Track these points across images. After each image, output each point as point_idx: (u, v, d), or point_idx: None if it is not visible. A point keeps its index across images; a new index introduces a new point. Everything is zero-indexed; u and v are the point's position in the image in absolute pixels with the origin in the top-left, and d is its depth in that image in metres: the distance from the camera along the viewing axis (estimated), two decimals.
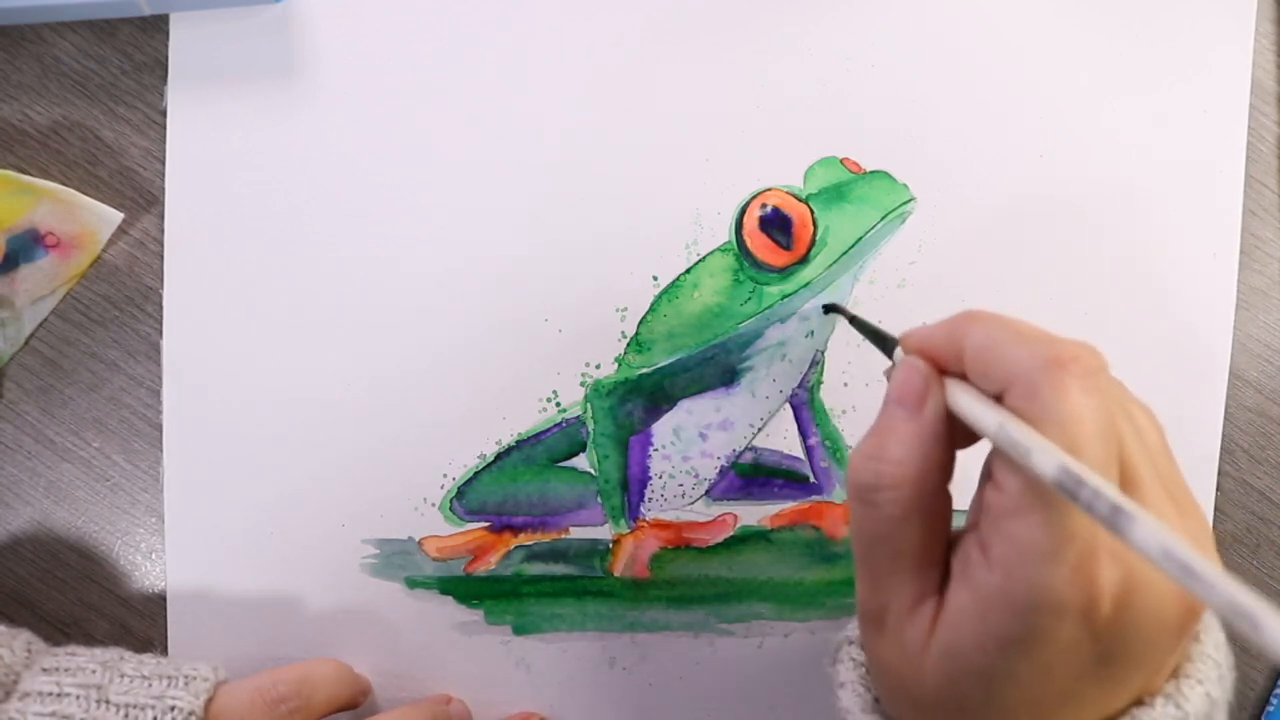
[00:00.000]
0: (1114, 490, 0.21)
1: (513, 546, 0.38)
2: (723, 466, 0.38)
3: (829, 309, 0.37)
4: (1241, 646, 0.39)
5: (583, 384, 0.38)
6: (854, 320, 0.34)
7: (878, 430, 0.27)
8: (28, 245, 0.36)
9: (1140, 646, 0.23)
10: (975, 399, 0.25)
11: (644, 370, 0.38)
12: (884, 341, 0.30)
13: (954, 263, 0.38)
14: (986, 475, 0.25)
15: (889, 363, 0.30)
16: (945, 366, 0.27)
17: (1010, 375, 0.24)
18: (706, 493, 0.38)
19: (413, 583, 0.38)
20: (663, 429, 0.38)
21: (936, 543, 0.26)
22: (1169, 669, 0.25)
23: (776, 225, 0.37)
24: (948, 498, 0.26)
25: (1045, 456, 0.22)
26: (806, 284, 0.37)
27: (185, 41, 0.37)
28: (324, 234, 0.37)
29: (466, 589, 0.38)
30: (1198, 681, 0.25)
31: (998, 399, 0.24)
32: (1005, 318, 0.26)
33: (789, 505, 0.38)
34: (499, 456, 0.38)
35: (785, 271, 0.37)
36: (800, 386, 0.38)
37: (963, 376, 0.26)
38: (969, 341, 0.26)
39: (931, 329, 0.27)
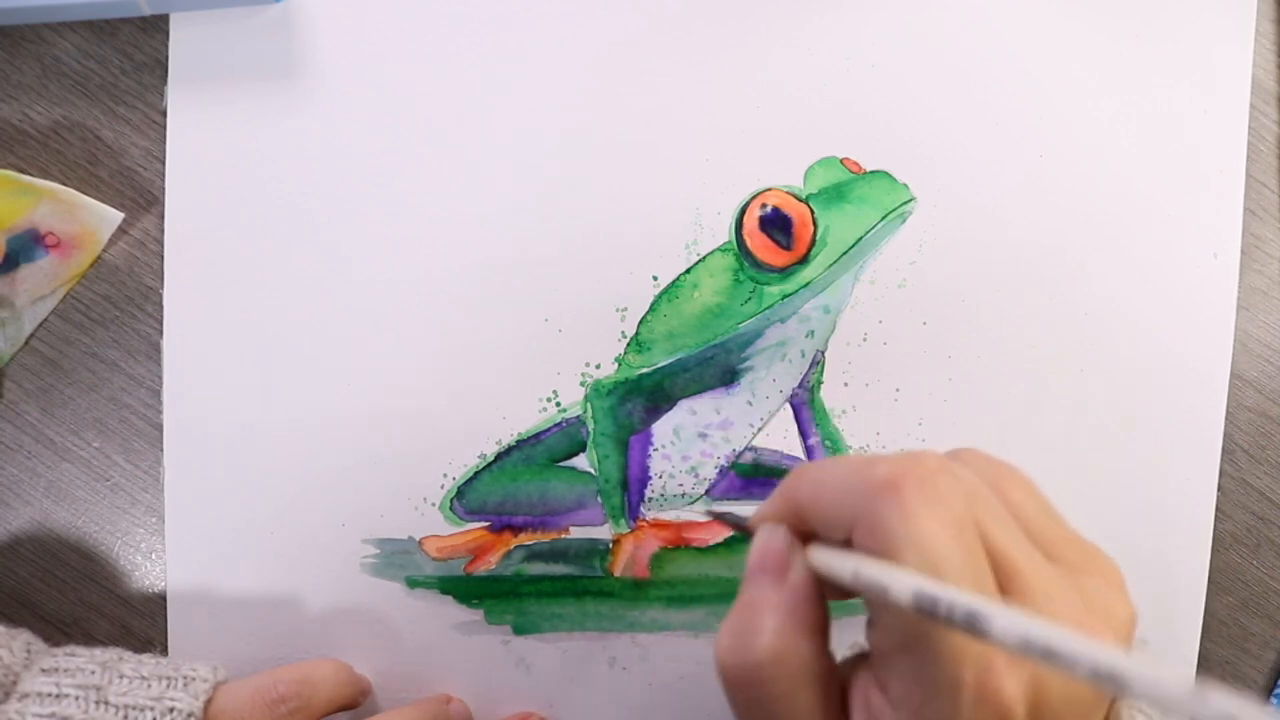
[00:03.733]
0: (966, 596, 0.20)
1: (513, 546, 0.38)
2: (723, 466, 0.38)
3: (713, 514, 0.36)
4: (1241, 647, 0.39)
5: (583, 384, 0.38)
6: (720, 516, 0.34)
7: (742, 607, 0.25)
8: (28, 245, 0.36)
9: None
10: (830, 552, 0.24)
11: (644, 370, 0.38)
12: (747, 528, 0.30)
13: (954, 263, 0.38)
14: (869, 620, 0.24)
15: (889, 364, 0.30)
16: (799, 532, 0.26)
17: (849, 517, 0.23)
18: (706, 493, 0.38)
19: (413, 583, 0.38)
20: (663, 429, 0.38)
21: (834, 701, 0.25)
22: None
23: (776, 225, 0.37)
24: (831, 658, 0.25)
25: (899, 587, 0.21)
26: (807, 284, 0.37)
27: (185, 41, 0.37)
28: (324, 234, 0.37)
29: (466, 589, 0.38)
30: None
31: (849, 544, 0.24)
32: (824, 463, 0.25)
33: None
34: (499, 456, 0.38)
35: (785, 271, 0.37)
36: (800, 386, 0.38)
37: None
38: (800, 500, 0.25)
39: (769, 501, 0.26)
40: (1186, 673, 0.17)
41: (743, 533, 0.29)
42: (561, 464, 0.38)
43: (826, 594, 0.25)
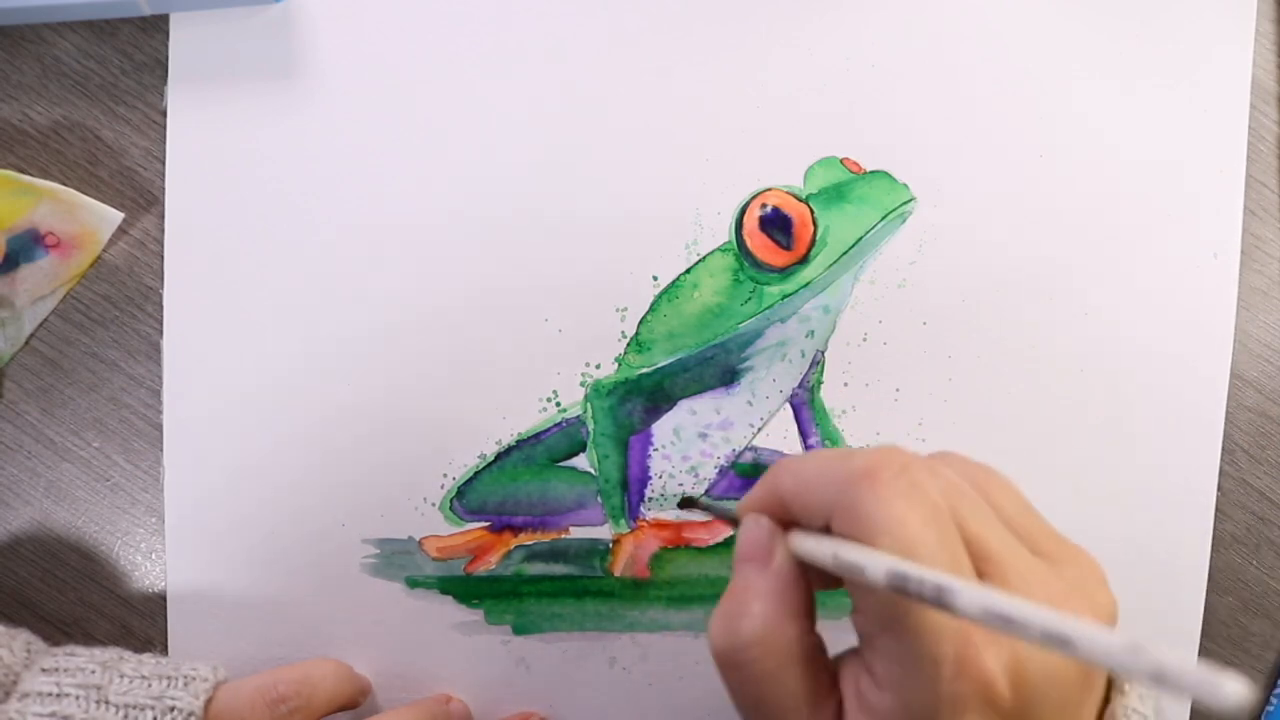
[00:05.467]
0: (934, 573, 0.21)
1: (513, 546, 0.38)
2: (723, 466, 0.38)
3: (683, 504, 0.37)
4: (1241, 647, 0.39)
5: (583, 384, 0.38)
6: (695, 503, 0.35)
7: (731, 593, 0.26)
8: (28, 245, 0.36)
9: (1051, 711, 0.23)
10: (810, 538, 0.25)
11: (644, 370, 0.38)
12: (731, 516, 0.31)
13: (954, 263, 0.38)
14: (853, 605, 0.25)
15: (889, 364, 0.30)
16: (782, 521, 0.27)
17: (828, 505, 0.25)
18: (707, 493, 0.38)
19: (413, 583, 0.38)
20: (663, 429, 0.38)
21: (823, 682, 0.25)
22: None
23: (776, 225, 0.37)
24: (819, 640, 0.26)
25: (874, 566, 0.22)
26: (807, 284, 0.37)
27: (185, 41, 0.37)
28: (324, 234, 0.37)
29: (466, 589, 0.38)
30: None
31: (829, 531, 0.25)
32: (805, 455, 0.27)
33: None
34: (499, 456, 0.38)
35: (785, 271, 0.37)
36: (800, 386, 0.38)
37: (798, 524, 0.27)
38: (781, 490, 0.26)
39: (753, 492, 0.28)
40: (1129, 635, 0.18)
41: (727, 522, 0.30)
42: (561, 464, 0.38)
43: (813, 583, 0.27)
